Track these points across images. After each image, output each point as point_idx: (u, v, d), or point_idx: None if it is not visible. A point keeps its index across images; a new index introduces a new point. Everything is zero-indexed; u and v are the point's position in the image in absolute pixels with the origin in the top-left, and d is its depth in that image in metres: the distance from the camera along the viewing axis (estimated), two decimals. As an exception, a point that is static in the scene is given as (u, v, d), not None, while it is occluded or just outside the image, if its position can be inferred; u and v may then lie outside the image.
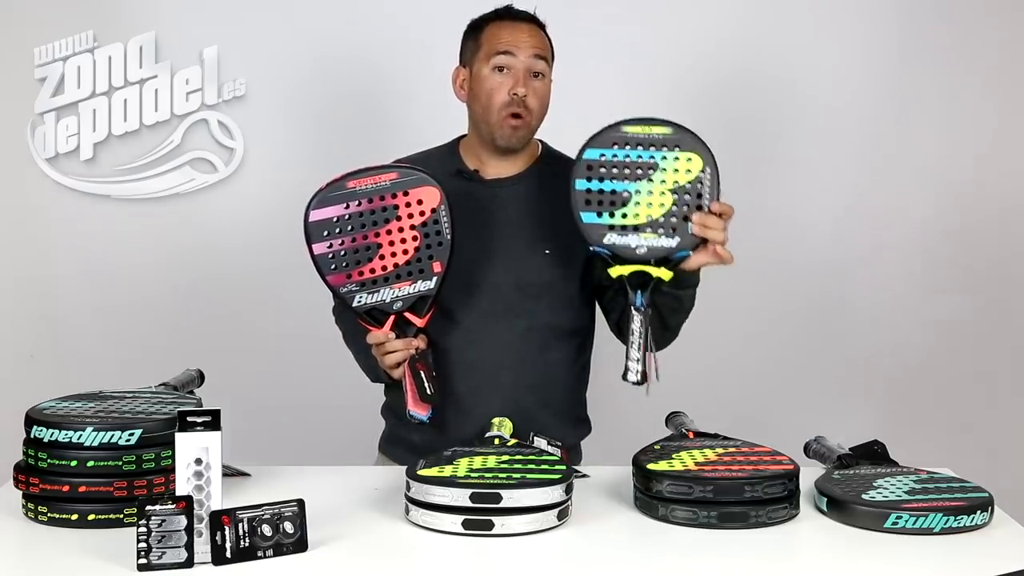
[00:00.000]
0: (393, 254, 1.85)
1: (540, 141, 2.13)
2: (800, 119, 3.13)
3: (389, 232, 1.85)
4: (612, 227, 1.82)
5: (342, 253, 1.84)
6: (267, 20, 3.09)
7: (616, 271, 1.83)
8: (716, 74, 3.10)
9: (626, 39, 3.08)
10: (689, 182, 1.81)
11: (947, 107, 3.14)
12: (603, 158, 1.83)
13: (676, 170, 1.81)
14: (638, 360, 1.82)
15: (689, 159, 1.81)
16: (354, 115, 3.09)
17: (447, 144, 2.14)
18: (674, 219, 1.81)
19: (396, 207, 1.85)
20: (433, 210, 1.85)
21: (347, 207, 1.84)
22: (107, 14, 3.06)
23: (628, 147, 1.82)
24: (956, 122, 3.14)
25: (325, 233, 1.83)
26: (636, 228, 1.82)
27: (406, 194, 1.85)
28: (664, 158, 1.81)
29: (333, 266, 1.84)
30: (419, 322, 1.87)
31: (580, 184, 1.83)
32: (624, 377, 1.83)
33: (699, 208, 1.80)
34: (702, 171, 1.80)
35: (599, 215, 1.83)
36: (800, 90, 3.12)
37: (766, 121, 3.13)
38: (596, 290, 2.08)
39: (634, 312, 1.82)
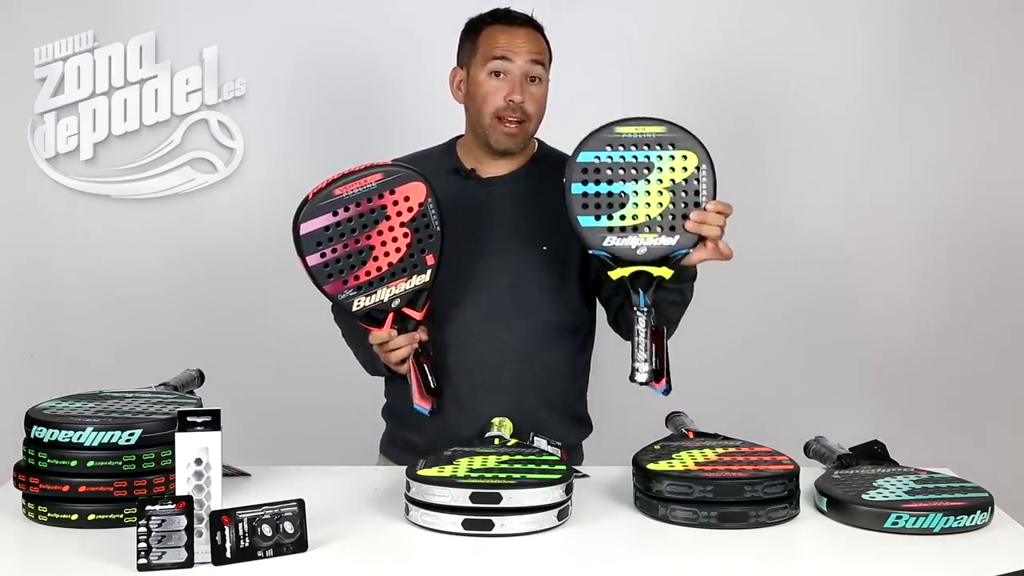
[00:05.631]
0: (386, 253, 1.83)
1: (537, 139, 2.12)
2: (801, 119, 3.13)
3: (380, 233, 1.82)
4: (611, 229, 1.80)
5: (336, 260, 1.81)
6: (267, 20, 3.09)
7: (616, 273, 1.81)
8: (716, 74, 3.10)
9: (625, 39, 3.09)
10: (685, 180, 1.79)
11: (947, 107, 3.14)
12: (598, 160, 1.79)
13: (672, 168, 1.79)
14: (646, 360, 1.80)
15: (685, 156, 1.79)
16: (353, 115, 3.09)
17: (444, 144, 2.14)
18: (672, 218, 1.80)
19: (384, 207, 1.82)
20: (421, 204, 1.84)
21: (336, 215, 1.79)
22: (107, 14, 3.06)
23: (622, 148, 1.79)
24: (956, 123, 3.15)
25: (317, 244, 1.79)
26: (635, 229, 1.79)
27: (393, 193, 1.83)
28: (660, 157, 1.79)
29: (329, 274, 1.81)
30: (417, 315, 1.87)
31: (576, 188, 1.80)
32: (632, 378, 1.81)
33: (696, 205, 1.79)
34: (697, 168, 1.79)
35: (597, 218, 1.80)
36: (800, 90, 3.12)
37: (766, 121, 3.13)
38: (594, 286, 2.08)
39: (638, 313, 1.80)
